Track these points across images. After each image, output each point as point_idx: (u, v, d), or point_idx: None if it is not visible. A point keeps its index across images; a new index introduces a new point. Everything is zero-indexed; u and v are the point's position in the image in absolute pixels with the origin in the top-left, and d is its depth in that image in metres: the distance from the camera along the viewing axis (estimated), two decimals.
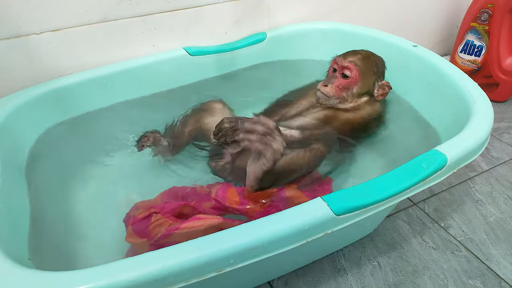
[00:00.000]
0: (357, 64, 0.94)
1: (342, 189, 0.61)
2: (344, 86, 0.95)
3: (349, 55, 0.96)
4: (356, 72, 0.94)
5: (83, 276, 0.48)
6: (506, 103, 1.50)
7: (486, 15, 1.42)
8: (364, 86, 0.96)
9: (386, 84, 0.97)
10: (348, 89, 0.95)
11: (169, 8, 1.07)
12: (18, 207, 0.72)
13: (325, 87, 0.95)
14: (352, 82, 0.95)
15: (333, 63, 0.99)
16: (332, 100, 0.96)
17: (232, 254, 0.52)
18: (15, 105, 0.88)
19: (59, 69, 1.01)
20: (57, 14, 0.94)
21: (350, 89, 0.95)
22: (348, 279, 0.83)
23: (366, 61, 0.96)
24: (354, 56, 0.96)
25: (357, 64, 0.94)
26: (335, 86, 0.95)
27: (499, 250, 0.90)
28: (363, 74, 0.95)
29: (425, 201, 1.03)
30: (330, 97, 0.95)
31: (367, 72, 0.95)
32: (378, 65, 0.98)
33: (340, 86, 0.95)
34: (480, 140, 0.71)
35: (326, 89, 0.95)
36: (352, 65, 0.94)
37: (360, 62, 0.95)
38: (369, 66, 0.96)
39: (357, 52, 0.97)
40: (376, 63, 0.98)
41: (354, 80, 0.95)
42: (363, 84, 0.95)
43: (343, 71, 0.95)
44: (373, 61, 0.98)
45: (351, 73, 0.94)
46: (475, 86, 0.87)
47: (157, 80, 1.10)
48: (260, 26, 1.25)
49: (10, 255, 0.54)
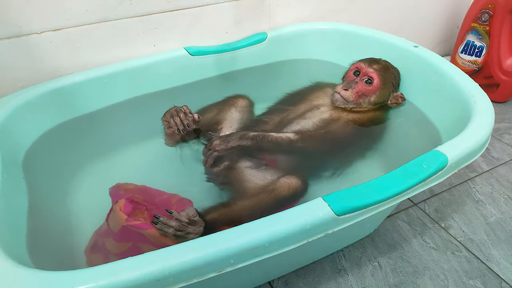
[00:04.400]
0: (381, 73, 0.96)
1: (343, 189, 0.61)
2: (364, 93, 0.96)
3: (374, 63, 0.97)
4: (379, 81, 0.95)
5: (84, 276, 0.48)
6: (506, 103, 1.50)
7: (487, 16, 1.42)
8: (381, 96, 0.97)
9: (400, 96, 0.99)
10: (367, 96, 0.96)
11: (170, 8, 1.07)
12: (18, 206, 0.72)
13: (346, 91, 0.96)
14: (372, 90, 0.96)
15: (354, 67, 1.00)
16: (349, 104, 0.96)
17: (233, 254, 0.52)
18: (15, 105, 0.88)
19: (60, 68, 1.01)
20: (58, 14, 0.94)
21: (368, 97, 0.96)
22: (348, 279, 0.83)
23: (387, 72, 0.98)
24: (378, 65, 0.97)
25: (381, 73, 0.96)
26: (355, 92, 0.96)
27: (499, 251, 0.90)
28: (384, 84, 0.96)
29: (425, 202, 1.03)
30: (348, 102, 0.96)
31: (387, 83, 0.97)
32: (396, 77, 1.00)
33: (360, 93, 0.96)
34: (481, 141, 0.71)
35: (346, 93, 0.96)
36: (376, 74, 0.95)
37: (383, 72, 0.96)
38: (389, 77, 0.98)
39: (380, 61, 0.99)
40: (394, 75, 1.00)
41: (375, 88, 0.96)
42: (381, 93, 0.97)
43: (367, 77, 0.96)
44: (392, 72, 0.99)
45: (374, 81, 0.95)
46: (476, 86, 0.87)
47: (157, 80, 1.10)
48: (261, 26, 1.25)
49: (11, 255, 0.53)
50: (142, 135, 1.03)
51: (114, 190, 0.78)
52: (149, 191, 0.82)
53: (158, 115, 0.91)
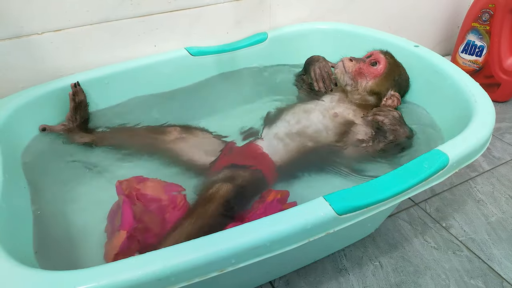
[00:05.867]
0: (389, 63, 0.97)
1: (344, 189, 0.61)
2: (365, 72, 0.96)
3: (388, 54, 1.00)
4: (383, 67, 0.96)
5: (86, 276, 0.48)
6: (507, 103, 1.50)
7: (487, 15, 1.42)
8: (379, 85, 0.97)
9: (397, 96, 0.98)
10: (366, 78, 0.96)
11: (170, 9, 1.07)
12: (19, 206, 0.72)
13: (350, 61, 0.98)
14: (373, 74, 0.96)
15: (369, 54, 1.01)
16: (346, 78, 0.98)
17: (234, 253, 0.52)
18: (16, 105, 0.88)
19: (61, 69, 1.01)
20: (58, 14, 0.94)
21: (366, 79, 0.97)
22: (349, 279, 0.83)
23: (395, 67, 0.99)
24: (391, 58, 0.99)
25: (389, 63, 0.97)
26: (357, 67, 0.97)
27: (500, 250, 0.89)
28: (386, 74, 0.97)
29: (426, 201, 1.03)
30: (346, 73, 0.97)
31: (389, 75, 0.97)
32: (402, 77, 1.00)
33: (361, 70, 0.97)
34: (482, 140, 0.71)
35: (349, 64, 0.97)
36: (384, 60, 0.97)
37: (391, 64, 0.97)
38: (394, 72, 0.98)
39: (394, 57, 1.01)
40: (400, 74, 1.00)
41: (377, 72, 0.96)
42: (380, 82, 0.97)
43: (374, 59, 0.97)
44: (399, 72, 1.00)
45: (378, 66, 0.96)
46: (477, 86, 0.86)
47: (158, 80, 1.10)
48: (261, 26, 1.25)
49: (13, 255, 0.54)
50: None
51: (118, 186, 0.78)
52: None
53: (159, 115, 0.91)
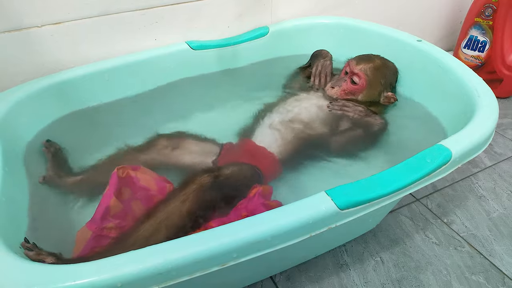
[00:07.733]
0: (367, 73, 0.95)
1: (346, 184, 0.61)
2: (350, 91, 0.97)
3: (362, 62, 0.96)
4: (364, 81, 0.95)
5: (86, 270, 0.48)
6: (509, 99, 1.49)
7: (490, 10, 1.41)
8: (369, 95, 0.98)
9: (391, 96, 0.98)
10: (353, 94, 0.97)
11: (171, 2, 1.06)
12: (19, 200, 0.72)
13: (332, 89, 0.99)
14: (358, 90, 0.97)
15: (346, 65, 1.00)
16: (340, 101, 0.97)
17: (235, 248, 0.52)
18: (16, 99, 0.88)
19: (61, 62, 1.00)
20: (58, 7, 0.93)
21: (355, 95, 0.98)
22: (350, 274, 0.83)
23: (376, 72, 0.97)
24: (367, 64, 0.96)
25: (367, 73, 0.95)
26: (341, 90, 0.98)
27: (502, 246, 0.89)
28: (370, 84, 0.96)
29: (428, 197, 1.03)
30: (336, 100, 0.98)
31: (374, 83, 0.97)
32: (387, 76, 0.99)
33: (346, 91, 0.97)
34: (485, 135, 0.71)
35: (332, 91, 0.99)
36: (362, 73, 0.95)
37: (370, 72, 0.96)
38: (378, 77, 0.97)
39: (371, 60, 0.97)
40: (385, 74, 0.98)
41: (361, 87, 0.96)
42: (368, 93, 0.97)
43: (352, 77, 0.96)
44: (383, 72, 0.98)
45: (359, 81, 0.96)
46: (480, 81, 0.86)
47: (159, 74, 1.09)
48: (263, 20, 1.24)
49: (12, 248, 0.53)
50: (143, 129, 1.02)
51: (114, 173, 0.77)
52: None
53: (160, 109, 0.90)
